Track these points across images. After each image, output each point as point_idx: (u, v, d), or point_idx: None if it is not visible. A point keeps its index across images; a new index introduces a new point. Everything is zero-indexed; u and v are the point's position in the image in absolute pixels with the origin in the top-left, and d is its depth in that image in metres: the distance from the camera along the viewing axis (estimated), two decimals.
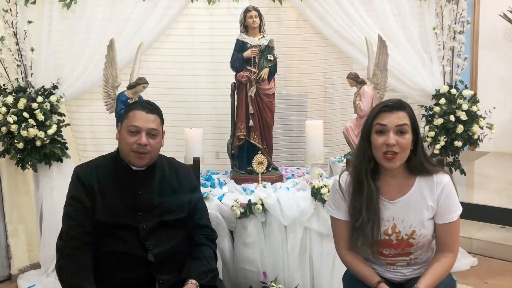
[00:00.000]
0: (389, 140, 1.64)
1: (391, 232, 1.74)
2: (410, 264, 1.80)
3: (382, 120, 1.68)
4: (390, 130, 1.66)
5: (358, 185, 1.73)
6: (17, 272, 3.25)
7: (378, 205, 1.72)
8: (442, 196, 1.72)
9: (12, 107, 2.89)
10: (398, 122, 1.66)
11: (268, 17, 3.14)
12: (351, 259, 1.81)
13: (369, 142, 1.71)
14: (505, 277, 3.16)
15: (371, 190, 1.71)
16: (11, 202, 3.23)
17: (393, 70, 3.14)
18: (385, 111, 1.68)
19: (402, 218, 1.73)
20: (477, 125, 3.15)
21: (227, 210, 2.53)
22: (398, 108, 1.69)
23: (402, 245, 1.75)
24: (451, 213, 1.73)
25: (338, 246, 1.86)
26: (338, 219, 1.82)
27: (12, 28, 2.88)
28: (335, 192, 1.82)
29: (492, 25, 6.06)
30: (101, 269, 1.79)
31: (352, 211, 1.75)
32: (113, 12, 3.11)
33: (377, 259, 1.80)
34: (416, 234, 1.73)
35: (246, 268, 2.55)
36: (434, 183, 1.73)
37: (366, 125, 1.73)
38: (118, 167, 1.90)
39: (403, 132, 1.67)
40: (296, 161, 3.57)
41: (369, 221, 1.70)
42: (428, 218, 1.73)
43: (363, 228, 1.71)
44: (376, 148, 1.68)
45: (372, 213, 1.70)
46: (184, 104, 3.42)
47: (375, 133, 1.69)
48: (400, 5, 3.24)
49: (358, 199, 1.72)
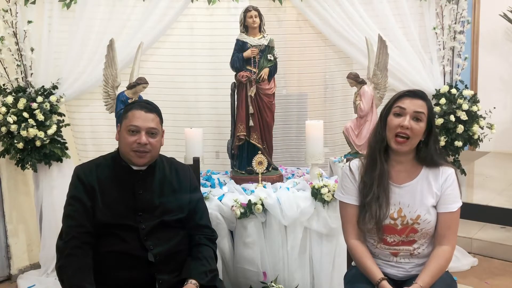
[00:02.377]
0: (404, 122, 1.72)
1: (396, 216, 1.77)
2: (413, 255, 1.81)
3: (402, 103, 1.76)
4: (407, 113, 1.74)
5: (372, 161, 1.80)
6: (17, 272, 3.25)
7: (388, 185, 1.77)
8: (445, 185, 1.78)
9: (12, 107, 2.89)
10: (417, 108, 1.74)
11: (268, 17, 3.14)
12: (358, 250, 1.82)
13: (385, 123, 1.79)
14: (505, 277, 3.16)
15: (384, 168, 1.77)
16: (11, 202, 3.23)
17: (393, 70, 3.14)
18: (407, 96, 1.77)
19: (408, 203, 1.77)
20: (477, 125, 3.15)
21: (227, 210, 2.53)
22: (420, 96, 1.77)
23: (407, 231, 1.77)
24: (452, 203, 1.77)
25: (346, 234, 1.88)
26: (347, 203, 1.85)
27: (12, 28, 2.88)
28: (345, 176, 1.87)
29: (492, 25, 6.06)
30: (101, 269, 1.79)
31: (362, 188, 1.80)
32: (113, 12, 3.11)
33: (381, 248, 1.81)
34: (421, 219, 1.76)
35: (246, 268, 2.55)
36: (440, 172, 1.79)
37: (386, 107, 1.81)
38: (119, 167, 1.90)
39: (419, 120, 1.74)
40: (296, 161, 3.57)
41: (378, 198, 1.75)
42: (432, 205, 1.77)
43: (371, 205, 1.75)
44: (390, 129, 1.76)
45: (382, 190, 1.75)
46: (184, 104, 3.42)
47: (393, 114, 1.77)
48: (400, 5, 3.24)
49: (370, 174, 1.78)
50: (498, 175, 5.23)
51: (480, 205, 4.05)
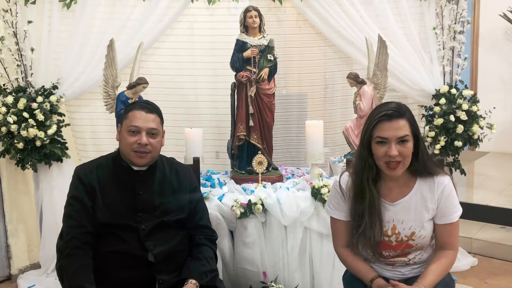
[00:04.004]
0: (391, 152, 1.62)
1: (391, 233, 1.74)
2: (409, 264, 1.81)
3: (382, 132, 1.64)
4: (391, 141, 1.64)
5: (360, 192, 1.72)
6: (17, 272, 3.25)
7: (380, 209, 1.72)
8: (442, 197, 1.72)
9: (12, 107, 2.89)
10: (399, 133, 1.63)
11: (268, 17, 3.14)
12: (347, 256, 1.82)
13: (369, 150, 1.69)
14: (505, 277, 3.16)
15: (373, 197, 1.69)
16: (11, 202, 3.23)
17: (393, 70, 3.14)
18: (384, 121, 1.64)
19: (402, 220, 1.73)
20: (477, 125, 3.15)
21: (227, 210, 2.53)
22: (397, 116, 1.64)
23: (402, 247, 1.75)
24: (452, 214, 1.73)
25: (336, 243, 1.87)
26: (337, 219, 1.83)
27: (12, 28, 2.88)
28: (335, 193, 1.82)
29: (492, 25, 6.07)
30: (101, 269, 1.79)
31: (353, 215, 1.76)
32: (113, 12, 3.11)
33: (376, 259, 1.80)
34: (415, 236, 1.73)
35: (246, 268, 2.55)
36: (435, 184, 1.72)
37: (365, 135, 1.69)
38: (119, 167, 1.90)
39: (405, 141, 1.65)
40: (296, 161, 3.57)
41: (372, 226, 1.70)
42: (428, 219, 1.74)
43: (365, 232, 1.72)
44: (378, 158, 1.67)
45: (375, 218, 1.70)
46: (184, 104, 3.42)
47: (376, 143, 1.67)
48: (400, 5, 3.24)
49: (360, 205, 1.71)
50: (498, 175, 5.22)
51: (480, 205, 4.05)
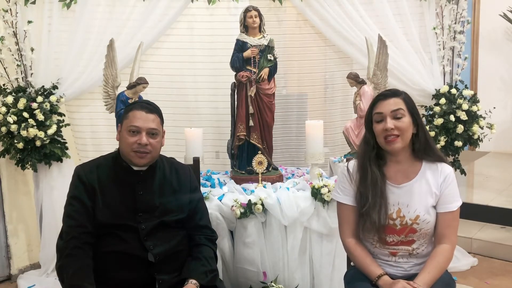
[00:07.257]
0: (386, 125, 1.75)
1: (395, 217, 1.77)
2: (412, 255, 1.81)
3: (378, 108, 1.79)
4: (386, 116, 1.76)
5: (363, 171, 1.81)
6: (17, 272, 3.25)
7: (385, 190, 1.78)
8: (444, 184, 1.78)
9: (12, 107, 2.89)
10: (392, 107, 1.76)
11: (268, 17, 3.14)
12: (355, 248, 1.83)
13: (372, 132, 1.82)
14: (505, 277, 3.16)
15: (375, 175, 1.78)
16: (11, 202, 3.23)
17: (393, 70, 3.14)
18: (380, 99, 1.81)
19: (407, 203, 1.77)
20: (477, 125, 3.15)
21: (227, 210, 2.53)
22: (392, 95, 1.80)
23: (406, 231, 1.77)
24: (452, 203, 1.78)
25: (342, 233, 1.89)
26: (344, 204, 1.86)
27: (12, 28, 2.88)
28: (343, 176, 1.88)
29: (492, 25, 6.07)
30: (101, 269, 1.79)
31: (359, 197, 1.81)
32: (113, 12, 3.12)
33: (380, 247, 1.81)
34: (420, 219, 1.76)
35: (246, 268, 2.55)
36: (438, 171, 1.80)
37: (367, 116, 1.85)
38: (119, 167, 1.90)
39: (399, 117, 1.76)
40: (296, 161, 3.57)
41: (376, 206, 1.75)
42: (432, 205, 1.78)
43: (370, 213, 1.75)
44: (378, 135, 1.79)
45: (379, 198, 1.76)
46: (184, 104, 3.42)
47: (375, 122, 1.80)
48: (400, 5, 3.25)
49: (364, 184, 1.79)
50: (498, 175, 5.22)
51: (480, 205, 4.05)
